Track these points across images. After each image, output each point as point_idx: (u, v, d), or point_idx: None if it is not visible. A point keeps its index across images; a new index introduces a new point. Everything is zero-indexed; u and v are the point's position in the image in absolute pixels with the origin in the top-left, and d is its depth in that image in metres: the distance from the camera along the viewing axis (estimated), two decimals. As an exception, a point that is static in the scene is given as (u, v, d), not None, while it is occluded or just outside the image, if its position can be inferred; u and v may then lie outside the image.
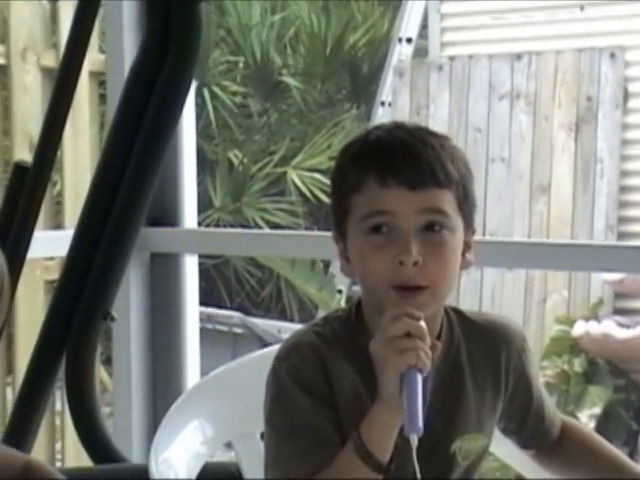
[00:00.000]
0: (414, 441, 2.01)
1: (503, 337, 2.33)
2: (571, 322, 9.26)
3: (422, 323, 2.06)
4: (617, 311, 9.50)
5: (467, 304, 9.22)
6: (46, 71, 5.52)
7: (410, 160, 2.15)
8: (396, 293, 2.12)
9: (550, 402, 2.43)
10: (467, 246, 2.22)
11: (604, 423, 8.57)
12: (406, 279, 2.11)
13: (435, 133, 2.25)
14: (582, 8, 9.99)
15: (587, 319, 9.24)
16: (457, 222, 2.17)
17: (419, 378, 2.03)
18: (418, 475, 2.04)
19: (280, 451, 2.19)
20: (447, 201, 2.15)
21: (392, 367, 2.04)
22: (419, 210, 2.13)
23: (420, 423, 2.00)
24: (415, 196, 2.13)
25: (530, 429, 2.40)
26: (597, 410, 8.79)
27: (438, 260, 2.14)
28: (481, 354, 2.30)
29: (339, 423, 2.15)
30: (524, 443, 2.43)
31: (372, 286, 2.17)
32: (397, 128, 2.27)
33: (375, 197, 2.15)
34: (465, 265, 2.22)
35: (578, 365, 9.06)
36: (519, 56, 10.08)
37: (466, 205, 2.20)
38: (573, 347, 9.13)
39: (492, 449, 2.36)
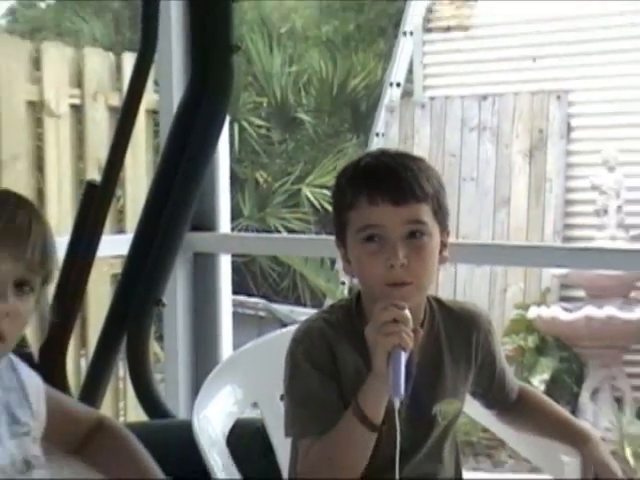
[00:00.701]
0: (397, 403, 2.02)
1: (474, 321, 2.33)
2: (526, 307, 9.24)
3: (406, 312, 2.06)
4: (562, 298, 9.49)
5: (444, 294, 9.18)
6: (112, 109, 5.52)
7: (393, 181, 2.15)
8: (388, 289, 2.12)
9: (510, 372, 2.42)
10: (443, 245, 2.21)
11: (552, 387, 8.56)
12: (395, 278, 2.11)
13: (413, 157, 2.26)
14: (534, 60, 9.97)
15: (539, 305, 9.22)
16: (434, 228, 2.17)
17: (402, 355, 2.03)
18: (398, 430, 2.04)
19: (296, 416, 2.19)
20: (425, 212, 2.15)
21: (381, 347, 2.05)
22: (403, 222, 2.13)
23: (402, 390, 2.00)
24: (399, 210, 2.13)
25: (494, 393, 2.39)
26: (546, 377, 8.77)
27: (420, 261, 2.14)
28: (456, 335, 2.29)
29: (343, 393, 2.15)
30: (489, 404, 2.43)
31: (369, 284, 2.17)
32: (382, 155, 2.27)
33: (367, 213, 2.15)
34: (442, 260, 2.22)
35: (531, 341, 9.04)
36: (485, 97, 10.09)
37: (440, 213, 2.19)
38: (528, 327, 9.11)
39: (465, 409, 2.35)
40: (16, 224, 1.84)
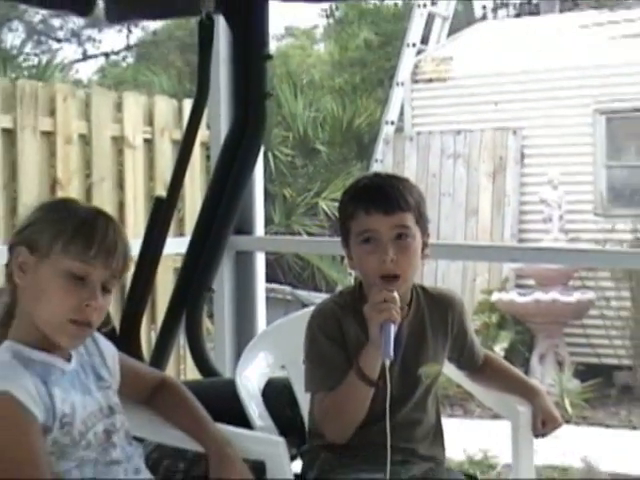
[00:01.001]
0: (387, 363, 2.05)
1: (450, 303, 2.32)
2: (490, 292, 9.22)
3: (394, 294, 2.06)
4: (517, 286, 9.47)
5: (427, 282, 9.17)
6: (174, 142, 5.51)
7: (383, 196, 2.16)
8: (381, 280, 2.12)
9: (477, 342, 2.42)
10: (425, 245, 2.21)
11: (509, 354, 8.53)
12: (387, 271, 2.12)
13: (400, 177, 2.28)
14: (496, 104, 9.96)
15: (500, 291, 9.20)
16: (416, 232, 2.17)
17: (391, 327, 2.03)
18: (389, 385, 2.06)
19: (312, 375, 2.20)
20: (409, 219, 2.16)
21: (374, 321, 2.05)
22: (392, 227, 2.14)
23: (391, 353, 2.02)
24: (388, 219, 2.14)
25: (465, 358, 2.39)
26: (505, 345, 8.75)
27: (406, 257, 2.14)
28: (436, 314, 2.29)
29: (349, 357, 2.14)
30: (461, 366, 2.42)
31: (367, 275, 2.18)
32: (375, 177, 2.31)
33: (364, 221, 2.16)
34: (424, 257, 2.22)
35: (494, 319, 9.02)
36: (459, 132, 10.08)
37: (421, 220, 2.20)
38: (491, 308, 9.09)
39: (443, 370, 2.34)
40: (107, 241, 1.83)
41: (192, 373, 4.29)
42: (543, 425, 2.32)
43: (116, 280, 1.86)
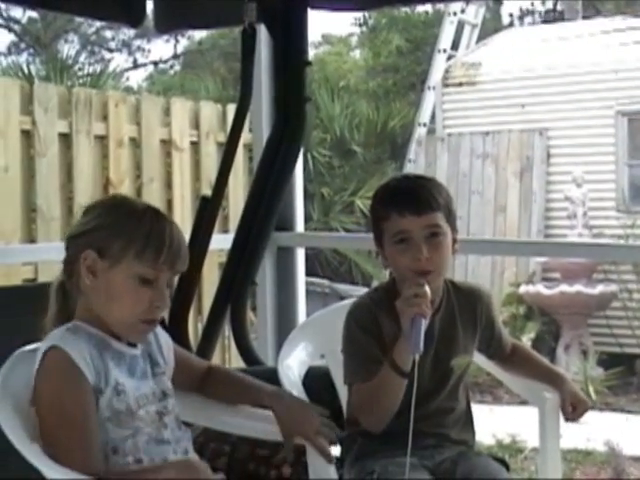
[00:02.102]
0: (416, 357, 2.01)
1: (478, 297, 2.30)
2: (518, 285, 9.18)
3: (426, 288, 2.05)
4: (544, 279, 9.40)
5: (458, 276, 9.16)
6: (219, 144, 5.53)
7: (414, 198, 2.14)
8: (415, 276, 2.10)
9: (505, 332, 2.39)
10: (454, 242, 2.19)
11: (536, 343, 8.48)
12: (422, 268, 2.10)
13: (427, 177, 2.26)
14: (523, 106, 9.90)
15: (527, 284, 9.15)
16: (447, 229, 2.15)
17: (422, 321, 2.01)
18: (415, 378, 2.02)
19: (349, 367, 2.19)
20: (439, 218, 2.14)
21: (406, 315, 2.03)
22: (424, 227, 2.12)
23: (420, 347, 1.99)
24: (421, 219, 2.12)
25: (494, 348, 2.36)
26: (532, 336, 8.71)
27: (438, 254, 2.12)
28: (466, 307, 2.27)
29: (384, 350, 2.12)
30: (490, 356, 2.39)
31: (402, 274, 2.15)
32: (404, 179, 2.29)
33: (397, 222, 2.13)
34: (454, 252, 2.19)
35: (521, 310, 8.98)
36: (487, 133, 10.03)
37: (450, 218, 2.17)
38: (519, 300, 9.05)
39: (474, 360, 2.33)
40: (173, 247, 1.85)
41: (236, 362, 4.30)
42: (573, 409, 2.30)
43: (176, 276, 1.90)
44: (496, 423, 6.24)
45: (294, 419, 2.02)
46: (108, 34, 19.10)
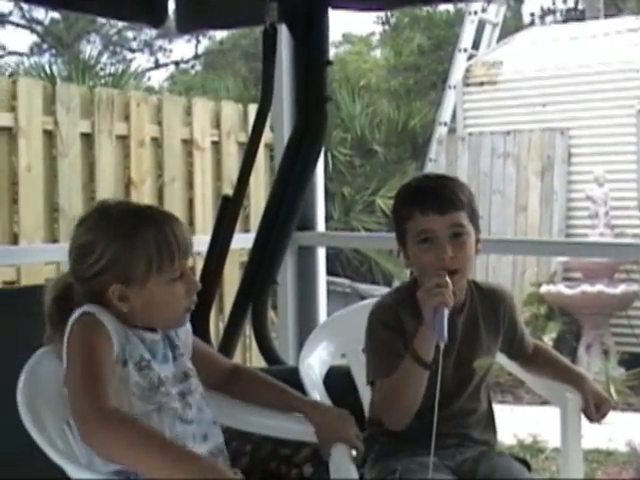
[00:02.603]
0: (442, 345, 2.00)
1: (501, 298, 2.29)
2: (539, 285, 9.13)
3: (447, 279, 2.04)
4: (565, 279, 9.35)
5: (479, 276, 9.13)
6: (240, 144, 5.54)
7: (437, 197, 2.13)
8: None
9: (527, 332, 2.39)
10: (477, 241, 2.18)
11: (557, 343, 8.43)
12: (446, 267, 2.09)
13: (449, 177, 2.25)
14: (544, 105, 9.85)
15: (548, 283, 9.10)
16: (470, 229, 2.14)
17: (445, 311, 2.01)
18: (440, 368, 2.01)
19: (372, 365, 2.19)
20: (463, 217, 2.13)
21: (428, 305, 2.03)
22: (448, 226, 2.11)
23: (445, 336, 1.99)
24: (444, 218, 2.11)
25: (516, 348, 2.35)
26: (553, 336, 8.65)
27: (462, 254, 2.12)
28: (488, 308, 2.26)
29: (406, 348, 2.11)
30: (512, 356, 2.38)
31: (425, 274, 2.13)
32: (426, 178, 2.29)
33: (421, 222, 2.12)
34: (477, 252, 2.19)
35: (543, 310, 8.92)
36: (508, 133, 9.98)
37: (473, 217, 2.17)
38: (540, 300, 8.99)
39: (496, 360, 2.32)
40: (185, 244, 1.89)
41: (257, 361, 4.31)
42: (597, 409, 2.29)
43: None
44: (517, 423, 6.22)
45: (333, 427, 2.03)
46: (130, 34, 19.16)
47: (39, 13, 17.92)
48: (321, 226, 3.71)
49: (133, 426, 1.69)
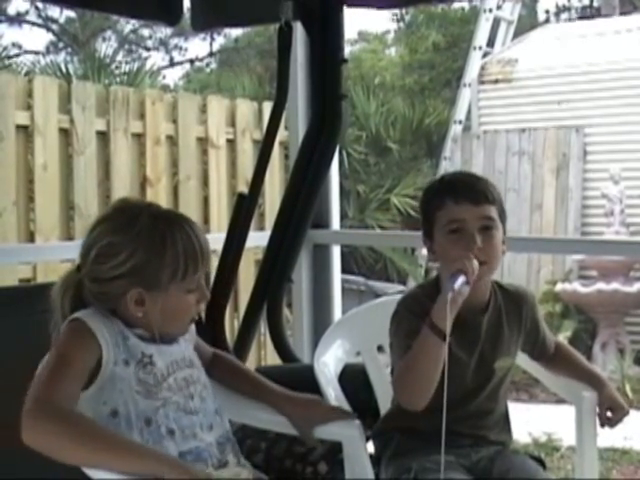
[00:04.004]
0: (449, 296, 1.96)
1: (523, 298, 2.28)
2: (554, 283, 9.09)
3: (474, 260, 2.02)
4: (580, 277, 9.32)
5: (494, 274, 9.10)
6: (255, 142, 5.55)
7: (471, 188, 2.13)
8: None
9: (549, 332, 2.37)
10: (503, 242, 2.17)
11: (573, 341, 8.39)
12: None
13: (479, 176, 2.24)
14: (559, 103, 9.82)
15: (563, 281, 9.07)
16: (499, 225, 2.14)
17: (461, 277, 1.98)
18: (447, 336, 1.97)
19: (394, 344, 2.17)
20: (494, 212, 2.13)
21: (447, 270, 2.03)
22: (479, 217, 2.10)
23: (450, 294, 1.96)
24: (477, 209, 2.10)
25: (538, 350, 2.34)
26: (568, 334, 8.61)
27: (491, 247, 2.11)
28: (511, 309, 2.25)
29: None
30: (534, 357, 2.37)
31: (452, 262, 2.07)
32: (459, 174, 2.34)
33: (452, 210, 2.11)
34: (503, 252, 2.17)
35: (558, 308, 8.89)
36: (523, 130, 9.94)
37: (503, 215, 2.16)
38: (555, 298, 8.96)
39: (517, 361, 2.32)
40: (205, 252, 1.90)
41: (272, 359, 4.31)
42: (610, 415, 2.27)
43: None
44: (532, 421, 6.20)
45: (304, 415, 2.05)
46: (145, 32, 19.20)
47: (55, 12, 18.00)
48: (336, 224, 3.71)
49: (81, 423, 1.67)
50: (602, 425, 2.27)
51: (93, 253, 1.84)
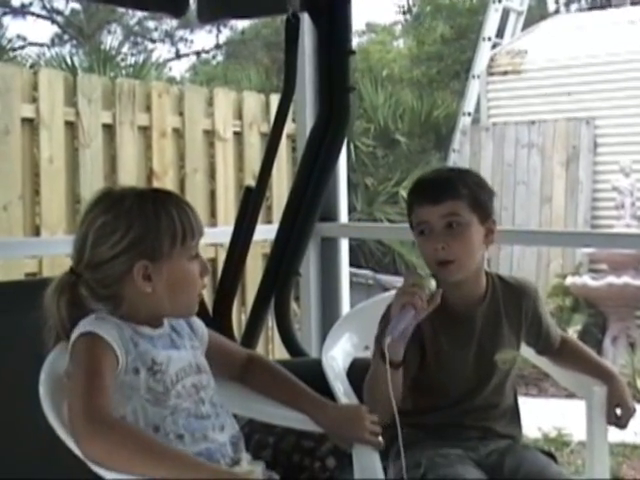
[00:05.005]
0: (387, 340, 1.98)
1: (524, 291, 2.28)
2: (564, 277, 9.09)
3: (427, 282, 2.04)
4: (590, 270, 9.30)
5: (503, 268, 9.11)
6: (262, 135, 5.54)
7: (432, 188, 2.15)
8: (437, 266, 2.12)
9: (554, 325, 2.38)
10: (489, 231, 2.17)
11: (583, 335, 8.39)
12: (440, 258, 2.11)
13: (457, 169, 2.30)
14: (569, 94, 9.80)
15: (573, 275, 9.07)
16: (470, 219, 2.13)
17: (411, 312, 2.00)
18: (388, 367, 1.98)
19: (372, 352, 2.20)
20: (460, 207, 2.12)
21: (397, 302, 2.04)
22: (442, 216, 2.12)
23: (396, 333, 1.98)
24: (437, 208, 2.12)
25: (542, 342, 2.35)
26: (579, 328, 8.60)
27: (458, 244, 2.11)
28: (511, 302, 2.25)
29: (423, 351, 2.16)
30: (539, 351, 2.39)
31: (426, 264, 2.16)
32: (433, 172, 2.31)
33: (418, 213, 2.15)
34: (488, 242, 2.18)
35: (568, 302, 8.89)
36: (533, 122, 9.93)
37: (478, 207, 2.14)
38: (565, 291, 8.96)
39: (525, 355, 2.32)
40: (197, 218, 1.91)
41: (280, 353, 4.31)
42: (619, 409, 2.27)
43: None
44: (542, 416, 6.19)
45: (340, 428, 2.03)
46: (151, 25, 19.20)
47: (59, 3, 18.01)
48: (344, 217, 3.71)
49: (138, 435, 1.69)
50: (610, 423, 2.27)
51: (90, 239, 1.85)
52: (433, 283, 2.05)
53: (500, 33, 11.20)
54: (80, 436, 1.65)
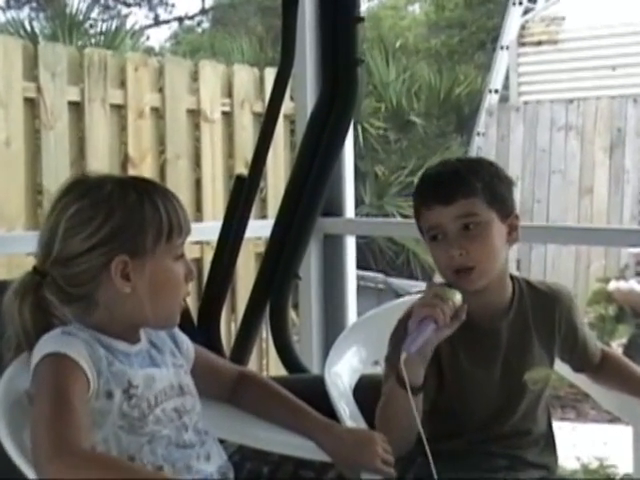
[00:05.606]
0: (403, 356, 1.99)
1: (557, 298, 2.28)
2: (606, 281, 9.09)
3: (452, 295, 2.05)
4: (638, 273, 9.32)
5: (535, 270, 9.13)
6: (256, 115, 5.56)
7: (441, 186, 2.15)
8: (455, 274, 2.12)
9: (592, 338, 2.38)
10: (511, 228, 2.17)
11: (628, 349, 8.39)
12: (458, 265, 2.11)
13: (468, 160, 2.30)
14: (614, 69, 9.81)
15: (617, 279, 9.07)
16: (489, 216, 2.13)
17: (430, 325, 2.01)
18: (407, 382, 2.00)
19: (384, 373, 2.21)
20: (476, 205, 2.12)
21: (415, 314, 2.04)
22: (456, 218, 2.11)
23: (412, 348, 1.98)
24: (450, 209, 2.11)
25: (579, 357, 2.35)
26: (624, 340, 8.62)
27: (478, 247, 2.11)
28: (542, 311, 2.26)
29: (440, 370, 2.16)
30: (576, 367, 2.39)
31: (441, 273, 2.17)
32: (439, 165, 2.28)
33: (427, 217, 2.15)
34: (511, 241, 2.18)
35: (611, 310, 8.89)
36: (571, 101, 9.95)
37: (496, 201, 2.14)
38: (608, 298, 8.97)
39: (555, 368, 2.32)
40: (186, 215, 1.91)
41: (276, 369, 4.33)
42: None
43: None
44: (581, 444, 6.21)
45: (349, 454, 2.04)
46: (125, -15, 19.22)
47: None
48: (350, 211, 3.72)
49: (115, 466, 1.68)
50: None
51: (61, 230, 1.82)
52: (459, 297, 2.05)
53: (533, -4, 11.24)
54: (46, 473, 1.65)
